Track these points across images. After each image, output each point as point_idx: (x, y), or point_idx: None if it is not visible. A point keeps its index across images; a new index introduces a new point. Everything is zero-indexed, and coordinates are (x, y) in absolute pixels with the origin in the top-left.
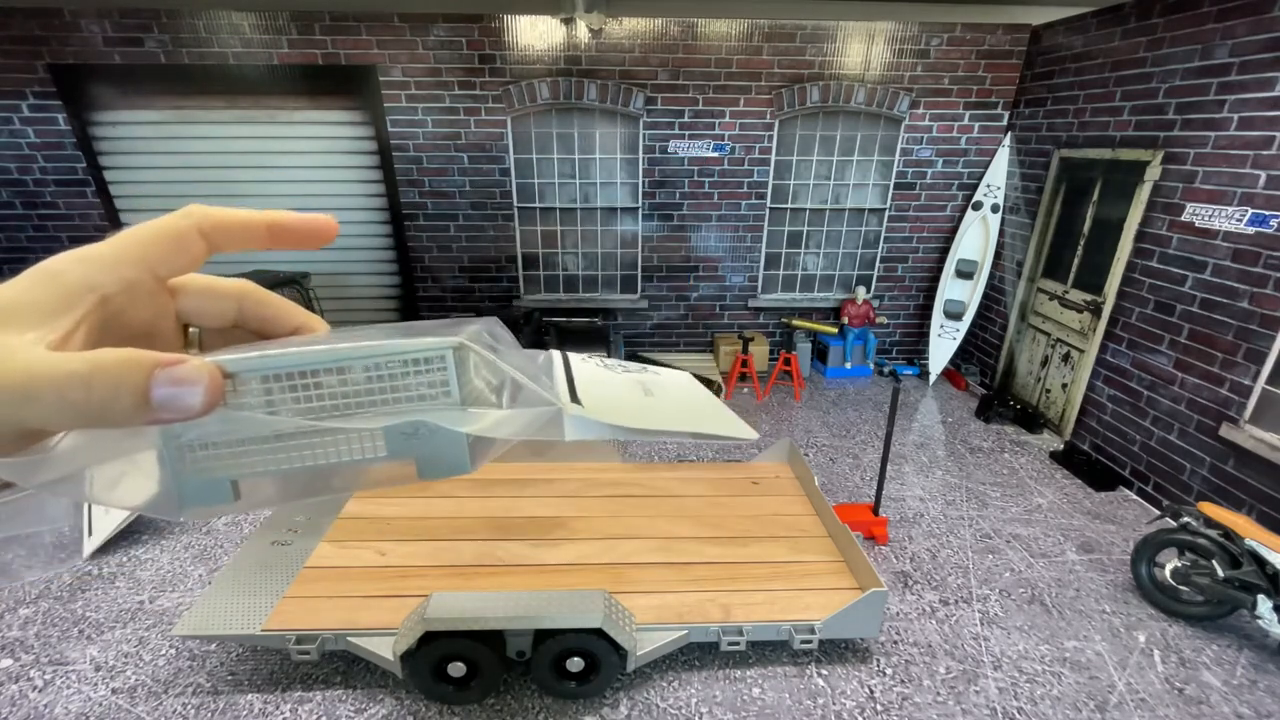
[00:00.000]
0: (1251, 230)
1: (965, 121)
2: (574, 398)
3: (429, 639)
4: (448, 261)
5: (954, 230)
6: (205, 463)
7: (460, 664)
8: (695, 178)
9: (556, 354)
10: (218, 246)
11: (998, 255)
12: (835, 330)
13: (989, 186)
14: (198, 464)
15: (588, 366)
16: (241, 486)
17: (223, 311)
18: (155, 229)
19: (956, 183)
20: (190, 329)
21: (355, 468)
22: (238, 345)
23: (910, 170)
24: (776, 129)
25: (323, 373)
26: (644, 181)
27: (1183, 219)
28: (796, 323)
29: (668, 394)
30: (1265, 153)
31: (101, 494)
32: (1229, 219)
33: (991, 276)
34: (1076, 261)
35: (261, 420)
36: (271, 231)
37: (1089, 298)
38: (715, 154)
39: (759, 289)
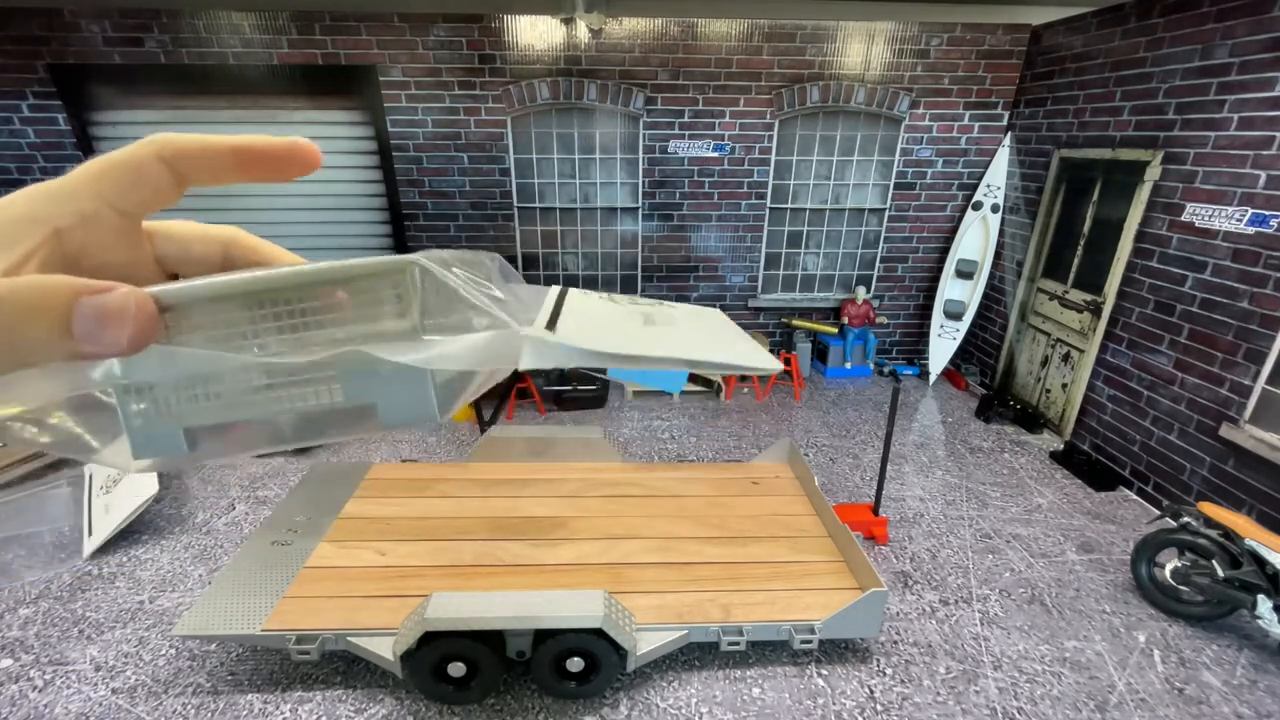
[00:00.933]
0: (1251, 230)
1: (965, 121)
2: (550, 326)
3: (429, 639)
4: None
5: (954, 230)
6: (155, 408)
7: (460, 664)
8: (695, 178)
9: (555, 288)
10: (184, 176)
11: (998, 255)
12: (835, 330)
13: (989, 186)
14: (145, 410)
15: (588, 300)
16: (198, 436)
17: (207, 256)
18: (111, 157)
19: (956, 183)
20: (178, 279)
21: (313, 416)
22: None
23: (910, 170)
24: (776, 129)
25: (268, 303)
26: (644, 181)
27: (1183, 219)
28: (796, 323)
29: (677, 325)
30: (1265, 153)
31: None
32: (1229, 219)
33: (991, 276)
34: (1076, 261)
35: (201, 356)
36: (237, 156)
37: (1089, 298)
38: (715, 154)
39: (759, 289)
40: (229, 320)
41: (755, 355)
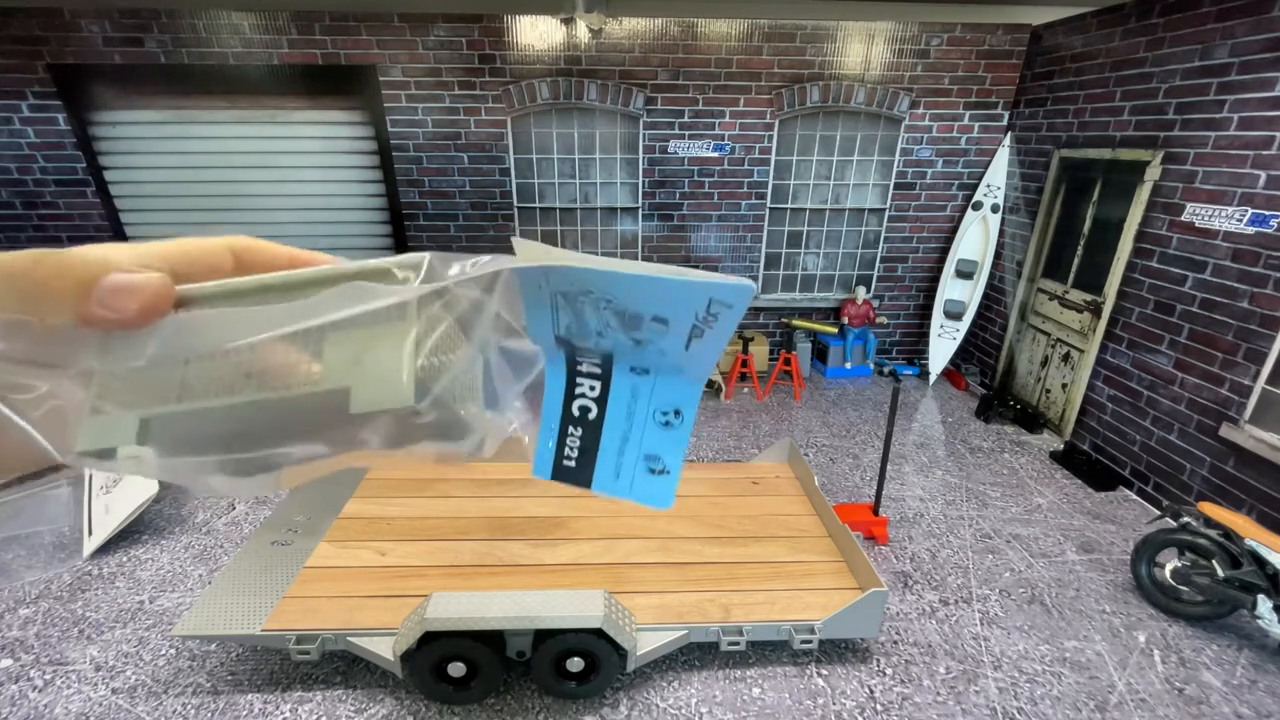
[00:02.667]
0: (1251, 230)
1: (965, 121)
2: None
3: (429, 639)
4: None
5: (954, 230)
6: (118, 396)
7: (460, 664)
8: (695, 178)
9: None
10: (245, 267)
11: (998, 255)
12: (835, 330)
13: (989, 186)
14: (109, 398)
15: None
16: (154, 430)
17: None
18: (190, 239)
19: (956, 183)
20: None
21: (282, 413)
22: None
23: (910, 170)
24: (776, 129)
25: (282, 293)
26: (644, 181)
27: (1183, 219)
28: (796, 323)
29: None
30: (1265, 153)
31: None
32: (1229, 219)
33: (991, 276)
34: (1076, 261)
35: (201, 322)
36: (292, 262)
37: (1089, 298)
38: (715, 154)
39: (759, 289)
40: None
41: (719, 278)
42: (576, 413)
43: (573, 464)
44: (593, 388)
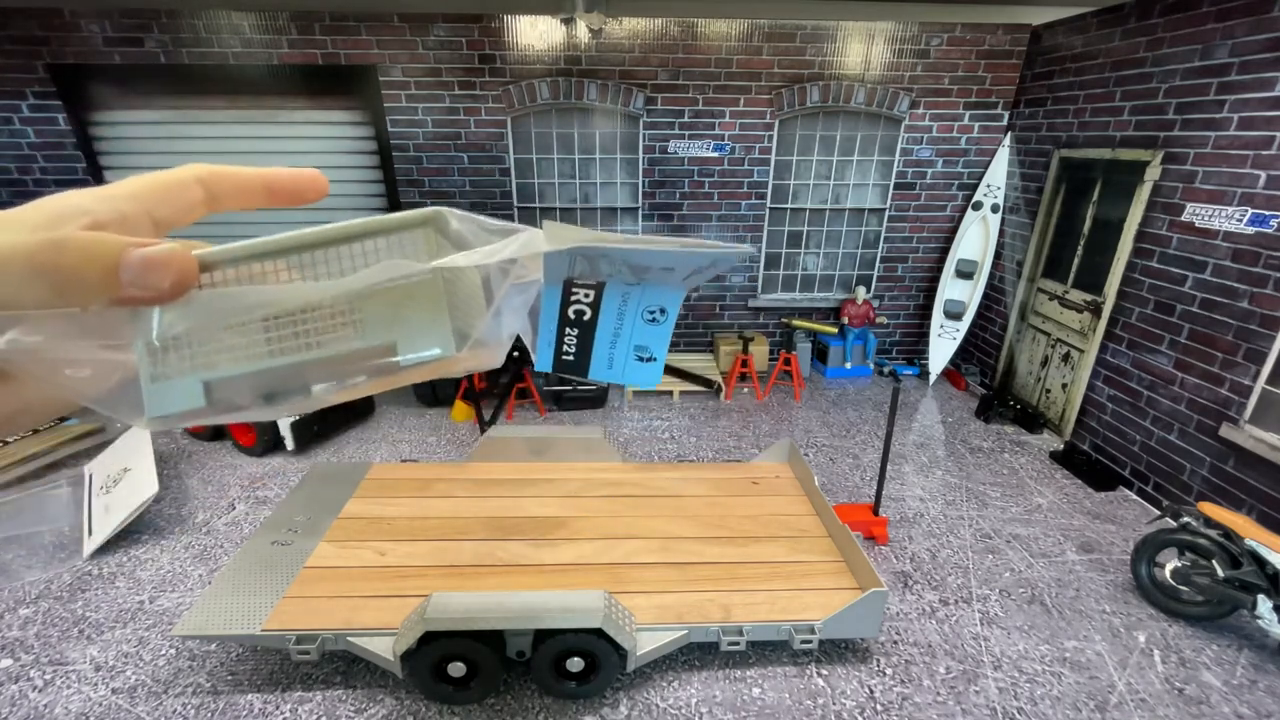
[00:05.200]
0: (1251, 230)
1: (965, 121)
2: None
3: (429, 639)
4: None
5: (954, 230)
6: (177, 364)
7: (460, 664)
8: (695, 178)
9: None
10: (217, 199)
11: (998, 255)
12: (835, 330)
13: (989, 186)
14: (168, 365)
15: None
16: (216, 391)
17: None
18: (155, 174)
19: (956, 183)
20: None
21: (332, 360)
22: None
23: (910, 170)
24: (776, 129)
25: (297, 252)
26: (644, 181)
27: (1183, 219)
28: (796, 323)
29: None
30: (1265, 153)
31: (68, 383)
32: (1229, 219)
33: (991, 276)
34: (1076, 261)
35: (235, 296)
36: (267, 185)
37: (1089, 298)
38: (715, 154)
39: (759, 289)
40: (265, 272)
41: (728, 246)
42: (572, 316)
43: (571, 358)
44: (586, 295)
